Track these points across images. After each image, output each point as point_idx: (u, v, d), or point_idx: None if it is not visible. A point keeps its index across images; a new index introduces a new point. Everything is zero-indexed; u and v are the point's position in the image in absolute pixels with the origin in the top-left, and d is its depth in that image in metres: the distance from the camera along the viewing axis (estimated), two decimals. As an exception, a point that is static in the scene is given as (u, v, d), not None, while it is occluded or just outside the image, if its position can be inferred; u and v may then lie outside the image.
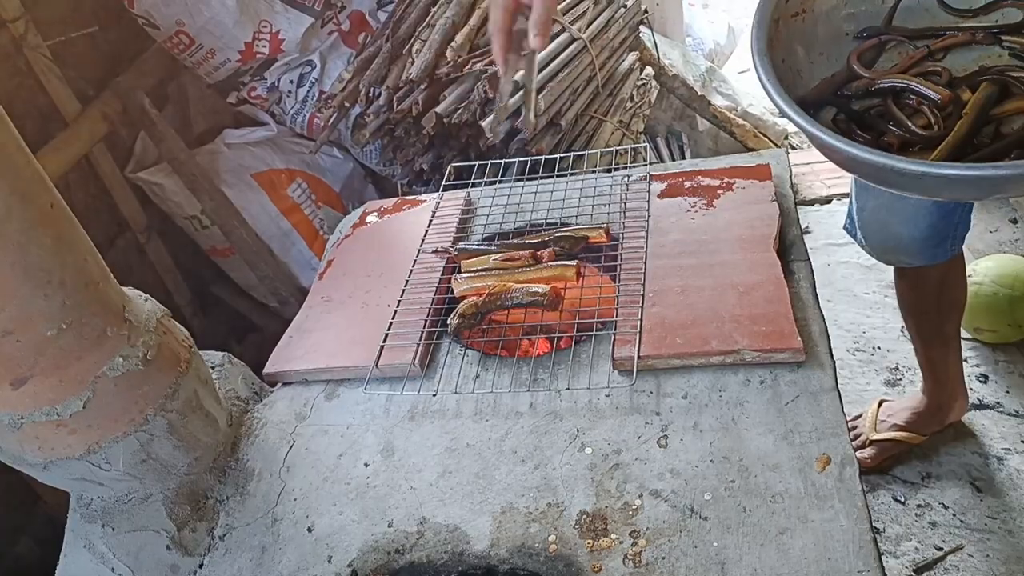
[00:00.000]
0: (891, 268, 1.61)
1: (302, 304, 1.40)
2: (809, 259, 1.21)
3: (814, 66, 1.07)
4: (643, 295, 1.17)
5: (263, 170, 2.30)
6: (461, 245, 1.37)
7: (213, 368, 1.25)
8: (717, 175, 1.36)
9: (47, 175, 0.93)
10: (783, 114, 0.92)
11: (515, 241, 1.34)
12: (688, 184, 1.36)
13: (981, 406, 1.90)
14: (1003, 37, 1.00)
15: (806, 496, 0.92)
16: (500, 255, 1.30)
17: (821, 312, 1.12)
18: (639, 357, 1.08)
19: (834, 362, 1.05)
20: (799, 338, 1.04)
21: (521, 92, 1.72)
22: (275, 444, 1.17)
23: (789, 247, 1.23)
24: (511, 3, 1.09)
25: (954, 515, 1.72)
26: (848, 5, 1.09)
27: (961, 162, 0.88)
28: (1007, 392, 1.92)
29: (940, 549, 1.67)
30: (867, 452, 1.81)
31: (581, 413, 1.08)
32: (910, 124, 0.96)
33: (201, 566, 1.07)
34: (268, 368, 1.28)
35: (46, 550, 1.79)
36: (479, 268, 1.30)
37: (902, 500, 1.77)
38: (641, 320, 1.13)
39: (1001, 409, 1.89)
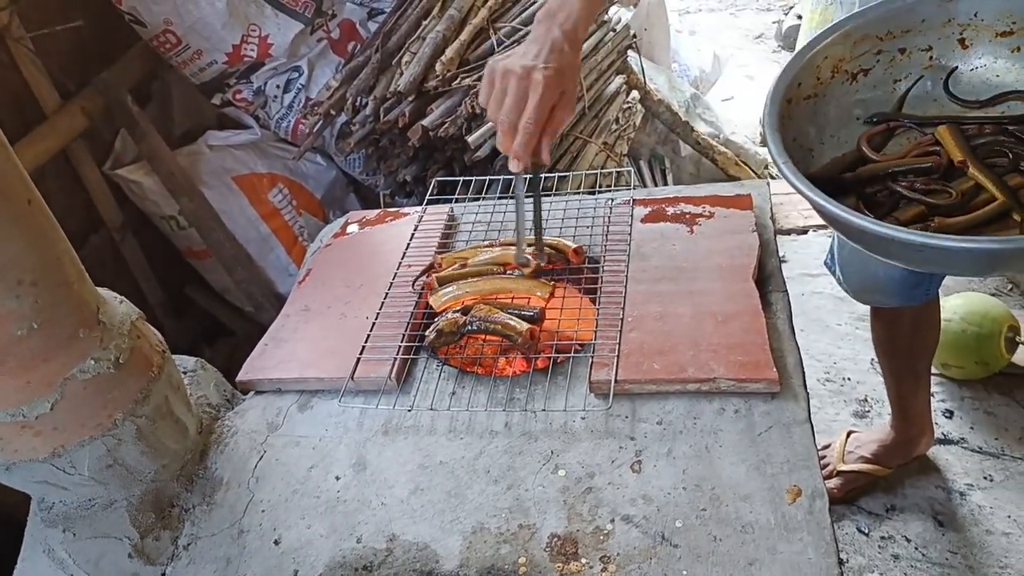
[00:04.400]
0: (865, 303, 1.64)
1: (277, 310, 1.39)
2: (787, 290, 1.22)
3: (824, 147, 1.09)
4: (622, 319, 1.17)
5: (244, 173, 2.29)
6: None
7: (185, 373, 1.23)
8: (699, 203, 1.37)
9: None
10: (795, 189, 0.92)
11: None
12: (671, 210, 1.37)
13: (946, 441, 1.93)
14: (1010, 127, 1.01)
15: (776, 527, 0.92)
16: (483, 248, 1.32)
17: (797, 344, 1.13)
18: (616, 381, 1.08)
19: (808, 394, 1.06)
20: (774, 369, 1.05)
21: None
22: (245, 454, 1.16)
23: (767, 278, 1.24)
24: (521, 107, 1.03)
25: (916, 548, 1.74)
26: (859, 91, 1.11)
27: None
28: (972, 428, 1.95)
29: (901, 582, 1.69)
30: (834, 482, 1.84)
31: (556, 435, 1.08)
32: (923, 197, 0.97)
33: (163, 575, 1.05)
34: (241, 375, 1.26)
35: (2, 551, 1.74)
36: (458, 273, 1.31)
37: (866, 531, 1.79)
38: (619, 344, 1.13)
39: (965, 445, 1.92)
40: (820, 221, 2.74)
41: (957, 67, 1.09)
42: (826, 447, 1.90)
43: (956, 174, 0.99)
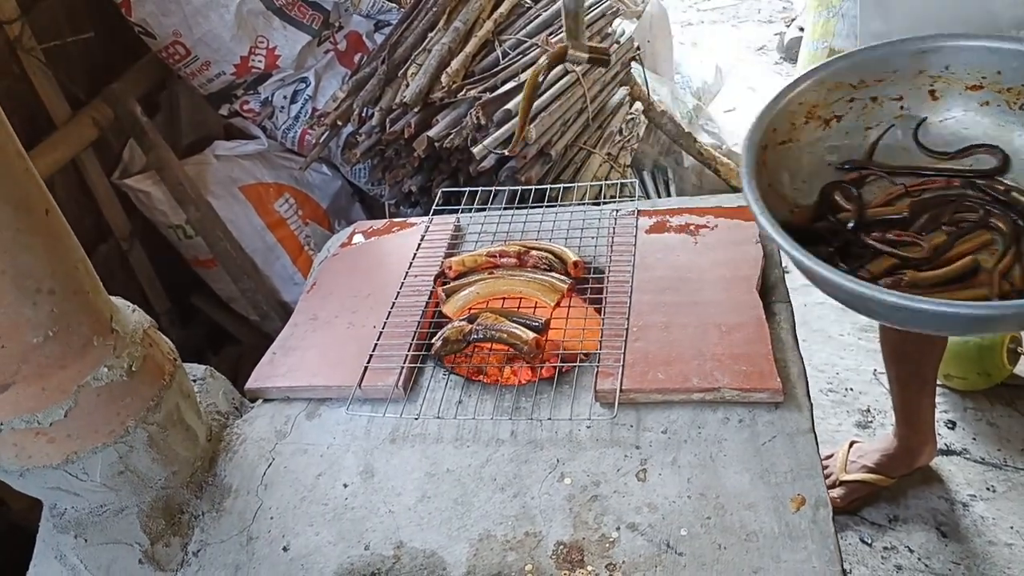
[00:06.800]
0: (866, 312, 1.65)
1: (283, 319, 1.41)
2: (790, 301, 1.24)
3: (798, 192, 1.11)
4: (627, 329, 1.19)
5: (251, 183, 2.31)
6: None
7: (195, 381, 1.24)
8: (704, 214, 1.39)
9: (40, 181, 0.93)
10: (768, 236, 0.95)
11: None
12: (675, 221, 1.39)
13: (948, 452, 1.93)
14: (977, 181, 1.04)
15: (780, 536, 0.93)
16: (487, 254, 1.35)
17: (800, 354, 1.14)
18: (621, 390, 1.09)
19: (811, 404, 1.07)
20: (778, 379, 1.06)
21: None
22: (254, 461, 1.17)
23: (771, 288, 1.25)
24: None
25: (919, 559, 1.75)
26: (832, 137, 1.14)
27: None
28: (974, 439, 1.96)
29: (904, 592, 1.69)
30: (837, 492, 1.84)
31: (561, 443, 1.09)
32: (895, 250, 0.99)
33: (172, 582, 1.06)
34: (250, 383, 1.28)
35: (11, 557, 1.75)
36: (466, 272, 1.34)
37: (869, 542, 1.80)
38: (624, 354, 1.14)
39: (968, 456, 1.92)
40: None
41: (927, 118, 1.12)
42: (829, 457, 1.91)
43: (929, 227, 1.02)
